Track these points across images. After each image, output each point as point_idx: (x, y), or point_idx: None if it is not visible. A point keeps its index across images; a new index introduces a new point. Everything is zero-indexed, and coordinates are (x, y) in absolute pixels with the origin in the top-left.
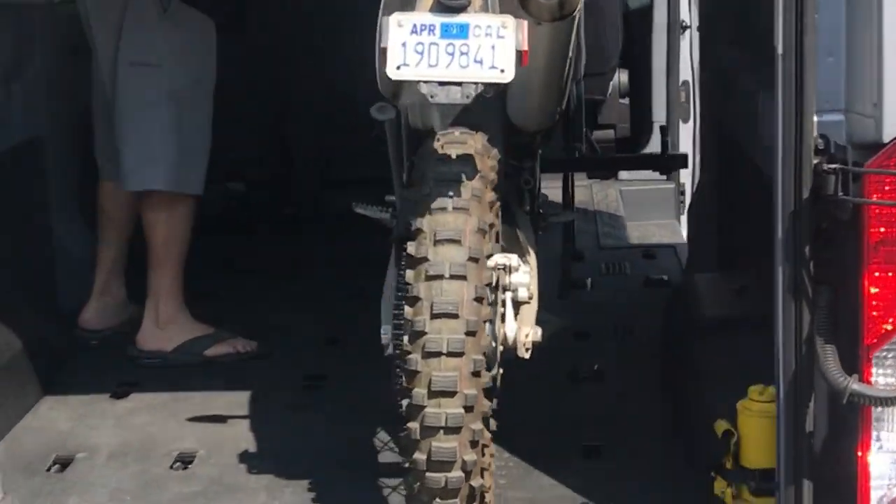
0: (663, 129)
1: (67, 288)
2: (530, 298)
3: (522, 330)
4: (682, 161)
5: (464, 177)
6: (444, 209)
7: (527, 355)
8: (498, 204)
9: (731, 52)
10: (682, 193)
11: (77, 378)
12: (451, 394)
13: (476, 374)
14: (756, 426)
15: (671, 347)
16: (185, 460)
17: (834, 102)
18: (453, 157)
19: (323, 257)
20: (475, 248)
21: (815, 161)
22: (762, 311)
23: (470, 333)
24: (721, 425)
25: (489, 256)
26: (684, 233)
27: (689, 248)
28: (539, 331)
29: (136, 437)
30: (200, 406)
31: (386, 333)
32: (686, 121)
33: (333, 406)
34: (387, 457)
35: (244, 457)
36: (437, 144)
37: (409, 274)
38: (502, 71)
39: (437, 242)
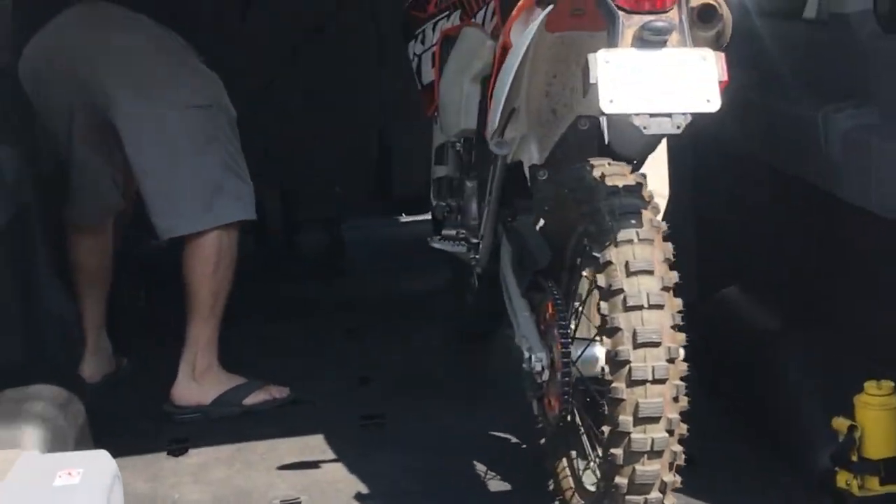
0: None
1: (64, 349)
2: None
3: None
4: None
5: (640, 207)
6: (630, 241)
7: None
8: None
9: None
10: None
11: (118, 440)
12: (657, 419)
13: (676, 399)
14: (877, 418)
15: (733, 358)
16: None
17: None
18: (620, 187)
19: (307, 298)
20: (666, 277)
21: None
22: (829, 315)
23: (671, 360)
24: (841, 422)
25: (676, 285)
26: None
27: None
28: None
29: (226, 490)
30: (271, 454)
31: (540, 360)
32: None
33: (407, 442)
34: (496, 485)
35: (354, 498)
36: (592, 176)
37: (604, 305)
38: (708, 101)
39: (630, 274)
